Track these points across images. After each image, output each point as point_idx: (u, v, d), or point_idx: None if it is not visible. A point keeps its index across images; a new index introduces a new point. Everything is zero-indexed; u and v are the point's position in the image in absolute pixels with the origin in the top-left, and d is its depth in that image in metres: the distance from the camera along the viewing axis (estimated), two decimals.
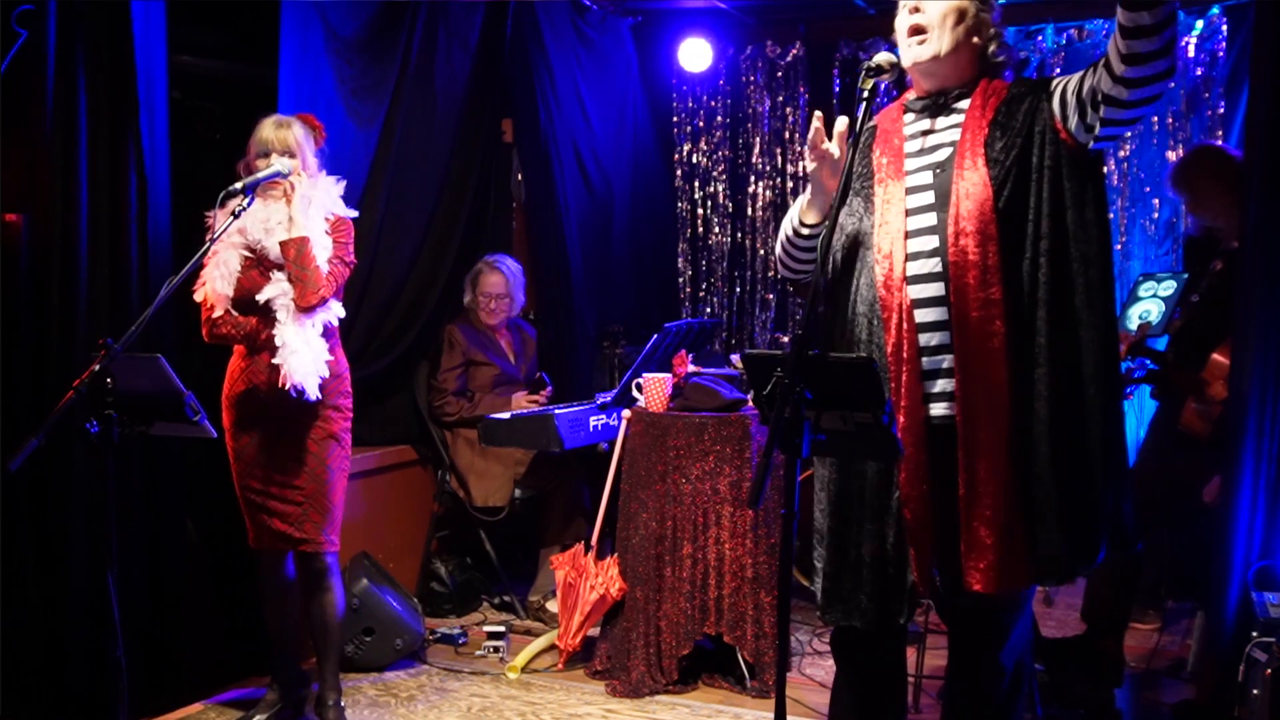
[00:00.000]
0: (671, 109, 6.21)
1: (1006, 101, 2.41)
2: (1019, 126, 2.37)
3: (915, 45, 2.41)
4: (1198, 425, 3.66)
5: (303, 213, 3.28)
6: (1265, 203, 3.15)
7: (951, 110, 2.47)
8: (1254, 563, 3.14)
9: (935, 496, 2.37)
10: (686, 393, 4.00)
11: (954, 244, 2.34)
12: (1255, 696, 2.93)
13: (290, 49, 3.92)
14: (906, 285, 2.38)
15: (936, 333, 2.38)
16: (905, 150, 2.48)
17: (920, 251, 2.40)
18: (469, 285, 4.91)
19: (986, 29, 2.46)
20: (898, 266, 2.39)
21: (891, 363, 2.38)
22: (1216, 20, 5.04)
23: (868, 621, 2.44)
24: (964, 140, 2.40)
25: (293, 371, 3.22)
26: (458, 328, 4.86)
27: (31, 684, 3.36)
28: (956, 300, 2.33)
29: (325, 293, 3.27)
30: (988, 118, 2.40)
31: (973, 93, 2.45)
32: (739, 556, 3.79)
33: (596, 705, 3.76)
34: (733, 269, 6.20)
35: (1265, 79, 3.20)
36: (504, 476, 4.73)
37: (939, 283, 2.37)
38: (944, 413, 2.38)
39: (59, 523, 3.38)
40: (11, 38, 3.26)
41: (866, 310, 2.43)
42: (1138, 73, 2.19)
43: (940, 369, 2.38)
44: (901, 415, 2.36)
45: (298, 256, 3.24)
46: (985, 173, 2.35)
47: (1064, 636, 4.13)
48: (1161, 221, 5.22)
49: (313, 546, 3.38)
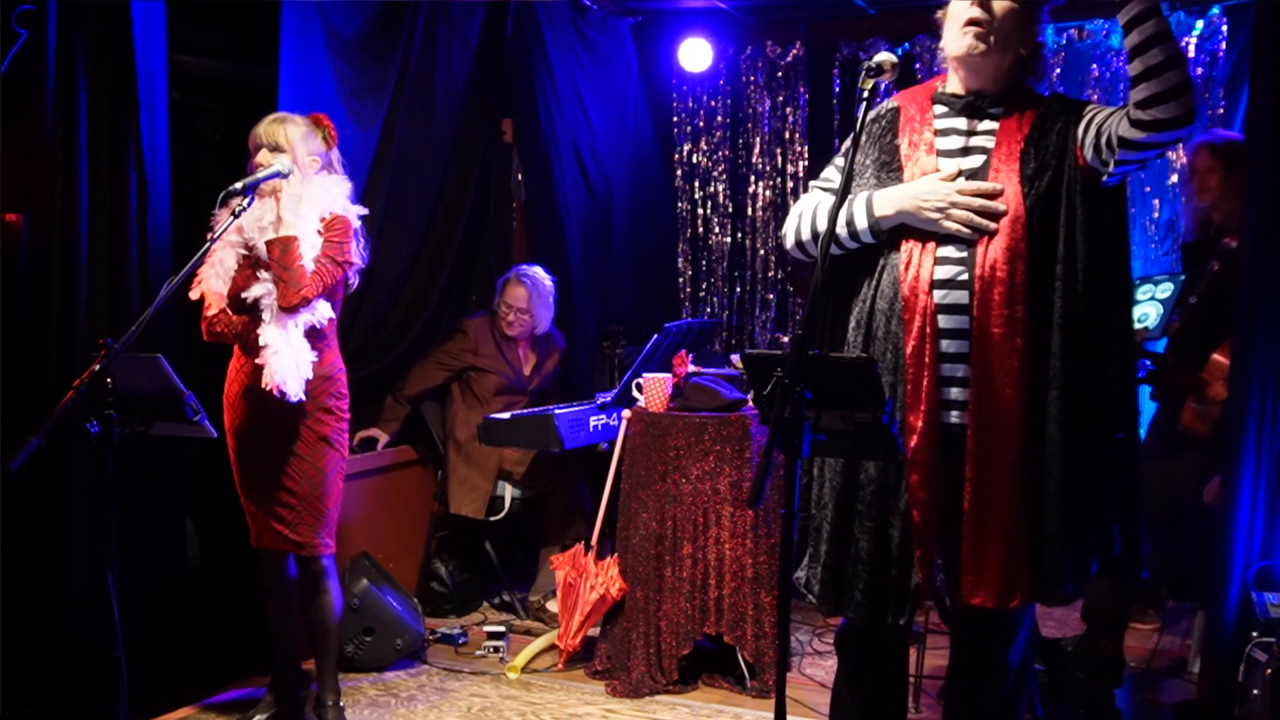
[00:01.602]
0: (671, 109, 6.21)
1: (1041, 118, 2.40)
2: (1052, 147, 2.36)
3: (971, 37, 2.37)
4: (1198, 425, 3.66)
5: (291, 211, 3.24)
6: (1265, 202, 3.15)
7: (985, 115, 2.44)
8: (1254, 563, 3.14)
9: (944, 501, 2.37)
10: (686, 393, 4.00)
11: (982, 258, 2.33)
12: (1255, 696, 2.93)
13: (290, 49, 3.92)
14: (934, 290, 2.36)
15: (954, 340, 2.37)
16: (937, 146, 2.44)
17: (947, 258, 2.38)
18: (499, 288, 4.83)
19: (1033, 40, 2.45)
20: (925, 270, 2.36)
21: (910, 365, 2.36)
22: (1216, 20, 5.03)
23: (860, 617, 2.44)
24: (999, 152, 2.38)
25: (274, 372, 3.19)
26: (472, 321, 4.79)
27: (31, 684, 3.36)
28: (980, 314, 2.32)
29: (308, 293, 3.21)
30: (1023, 133, 2.38)
31: (1006, 101, 2.43)
32: (739, 556, 3.79)
33: (596, 705, 3.76)
34: (733, 269, 6.20)
35: (1265, 79, 3.20)
36: (482, 488, 4.68)
37: (963, 291, 2.35)
38: (955, 421, 2.38)
39: (59, 523, 3.38)
40: (11, 38, 3.26)
41: (886, 307, 2.41)
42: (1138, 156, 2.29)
43: (955, 377, 2.37)
44: (919, 419, 2.35)
45: (282, 256, 3.20)
46: (1019, 190, 2.34)
47: (1064, 636, 4.14)
48: (1161, 221, 5.22)
49: (307, 550, 3.37)
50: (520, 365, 4.89)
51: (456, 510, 4.71)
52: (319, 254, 3.26)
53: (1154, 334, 3.77)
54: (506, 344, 4.83)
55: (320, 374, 3.33)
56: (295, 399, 3.23)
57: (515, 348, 4.87)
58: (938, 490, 2.37)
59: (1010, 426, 2.31)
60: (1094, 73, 5.17)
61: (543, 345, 4.98)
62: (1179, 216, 5.08)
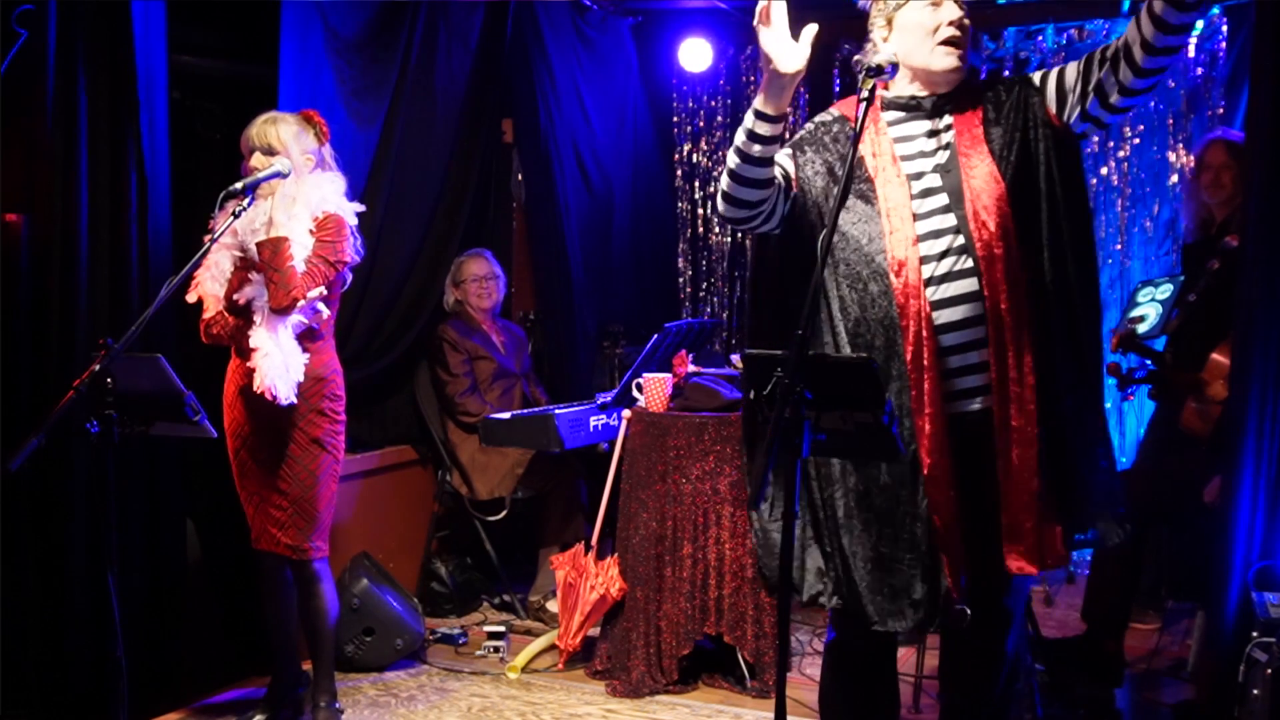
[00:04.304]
0: (671, 109, 6.20)
1: (988, 99, 2.45)
2: (1014, 120, 2.41)
3: (955, 58, 2.41)
4: (1197, 425, 3.66)
5: (283, 212, 3.23)
6: (1266, 202, 3.15)
7: (940, 111, 2.47)
8: (1254, 563, 3.14)
9: (962, 499, 2.38)
10: (687, 393, 4.00)
11: (979, 240, 2.35)
12: (1255, 696, 2.93)
13: (290, 49, 3.92)
14: (925, 289, 2.37)
15: (966, 330, 2.38)
16: (898, 153, 2.45)
17: (936, 253, 2.38)
18: (450, 285, 4.90)
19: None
20: (913, 274, 2.37)
21: (912, 371, 2.36)
22: (1216, 20, 5.03)
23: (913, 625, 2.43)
24: (962, 139, 2.41)
25: (263, 375, 3.19)
26: (450, 327, 4.85)
27: (31, 684, 3.36)
28: (990, 294, 2.34)
29: (298, 294, 3.20)
30: (979, 115, 2.43)
31: (955, 91, 2.47)
32: (739, 556, 3.79)
33: (596, 705, 3.76)
34: (733, 269, 6.20)
35: (1265, 79, 3.19)
36: (505, 467, 4.72)
37: (968, 280, 2.37)
38: (979, 407, 2.40)
39: (59, 523, 3.39)
40: (11, 38, 3.26)
41: (881, 316, 2.39)
42: (1156, 63, 2.28)
43: (972, 364, 2.39)
44: (926, 422, 2.35)
45: (272, 257, 3.19)
46: (994, 167, 2.38)
47: (1064, 636, 4.14)
48: (1161, 221, 5.22)
49: (299, 554, 3.37)
50: (499, 349, 4.95)
51: (488, 496, 4.71)
52: (311, 254, 3.24)
53: (1153, 331, 3.77)
54: (482, 334, 4.90)
55: (313, 375, 3.31)
56: (285, 402, 3.22)
57: (490, 335, 4.94)
58: (954, 490, 2.37)
59: (1027, 394, 2.35)
60: None
61: (505, 332, 5.05)
62: (1179, 216, 5.09)
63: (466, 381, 4.79)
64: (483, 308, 4.91)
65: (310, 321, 3.31)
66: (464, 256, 4.92)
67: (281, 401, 3.21)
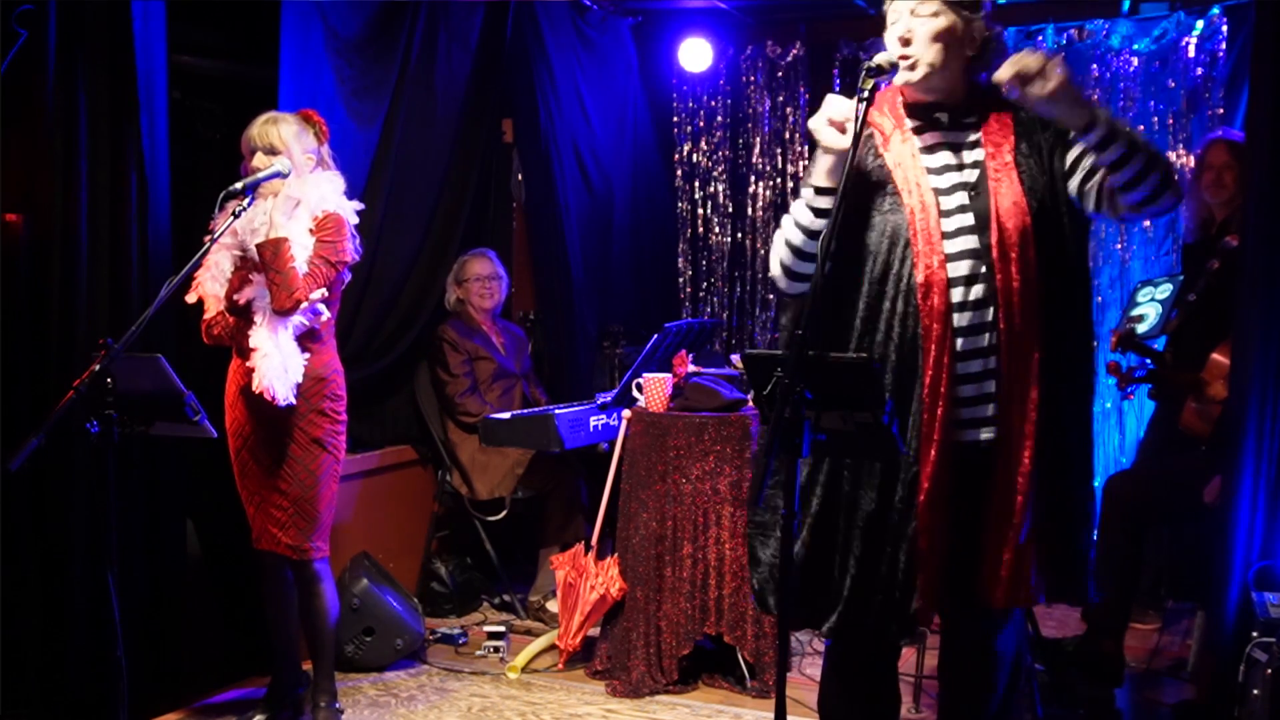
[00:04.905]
0: (671, 109, 6.20)
1: (1020, 122, 2.41)
2: (1043, 156, 2.39)
3: (904, 69, 2.38)
4: (1197, 425, 3.66)
5: (283, 213, 3.23)
6: (1266, 202, 3.15)
7: (964, 125, 2.43)
8: (1254, 563, 3.14)
9: (952, 526, 2.37)
10: (687, 393, 4.00)
11: (1000, 269, 2.32)
12: (1255, 696, 2.93)
13: (290, 49, 3.92)
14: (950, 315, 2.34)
15: (981, 359, 2.36)
16: (925, 164, 2.41)
17: (962, 276, 2.35)
18: (452, 284, 4.90)
19: (978, 39, 2.41)
20: (938, 298, 2.33)
21: (928, 396, 2.32)
22: (1216, 20, 5.03)
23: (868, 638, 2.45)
24: (991, 161, 2.38)
25: (262, 376, 3.19)
26: (450, 327, 4.84)
27: (31, 684, 3.36)
28: (1007, 325, 2.32)
29: (300, 295, 3.20)
30: (1010, 142, 2.39)
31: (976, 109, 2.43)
32: (739, 556, 3.78)
33: (596, 705, 3.76)
34: (733, 269, 6.20)
35: (1265, 79, 3.20)
36: (506, 467, 4.72)
37: (986, 308, 2.34)
38: (989, 437, 2.38)
39: (59, 523, 3.39)
40: (11, 38, 3.26)
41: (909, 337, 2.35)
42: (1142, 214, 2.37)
43: (985, 394, 2.37)
44: (933, 449, 2.33)
45: (273, 258, 3.19)
46: (1022, 199, 2.35)
47: (1064, 636, 4.14)
48: (1161, 221, 5.21)
49: (298, 554, 3.37)
50: (499, 349, 4.94)
51: (489, 495, 4.71)
52: (311, 254, 3.24)
53: (1152, 331, 3.77)
54: (482, 335, 4.90)
55: (313, 375, 3.31)
56: (284, 403, 3.22)
57: (490, 335, 4.93)
58: (947, 518, 2.36)
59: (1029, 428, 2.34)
60: (1094, 72, 5.17)
61: (505, 334, 5.04)
62: (1179, 216, 5.09)
63: (467, 382, 4.79)
64: (485, 307, 4.91)
65: (310, 323, 3.30)
66: (467, 255, 4.92)
67: (279, 402, 3.21)
